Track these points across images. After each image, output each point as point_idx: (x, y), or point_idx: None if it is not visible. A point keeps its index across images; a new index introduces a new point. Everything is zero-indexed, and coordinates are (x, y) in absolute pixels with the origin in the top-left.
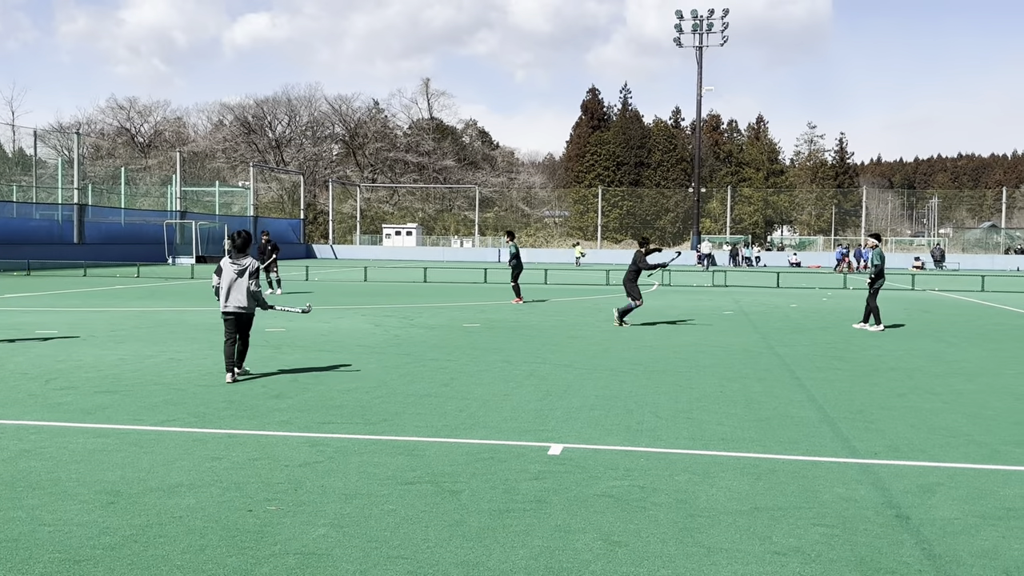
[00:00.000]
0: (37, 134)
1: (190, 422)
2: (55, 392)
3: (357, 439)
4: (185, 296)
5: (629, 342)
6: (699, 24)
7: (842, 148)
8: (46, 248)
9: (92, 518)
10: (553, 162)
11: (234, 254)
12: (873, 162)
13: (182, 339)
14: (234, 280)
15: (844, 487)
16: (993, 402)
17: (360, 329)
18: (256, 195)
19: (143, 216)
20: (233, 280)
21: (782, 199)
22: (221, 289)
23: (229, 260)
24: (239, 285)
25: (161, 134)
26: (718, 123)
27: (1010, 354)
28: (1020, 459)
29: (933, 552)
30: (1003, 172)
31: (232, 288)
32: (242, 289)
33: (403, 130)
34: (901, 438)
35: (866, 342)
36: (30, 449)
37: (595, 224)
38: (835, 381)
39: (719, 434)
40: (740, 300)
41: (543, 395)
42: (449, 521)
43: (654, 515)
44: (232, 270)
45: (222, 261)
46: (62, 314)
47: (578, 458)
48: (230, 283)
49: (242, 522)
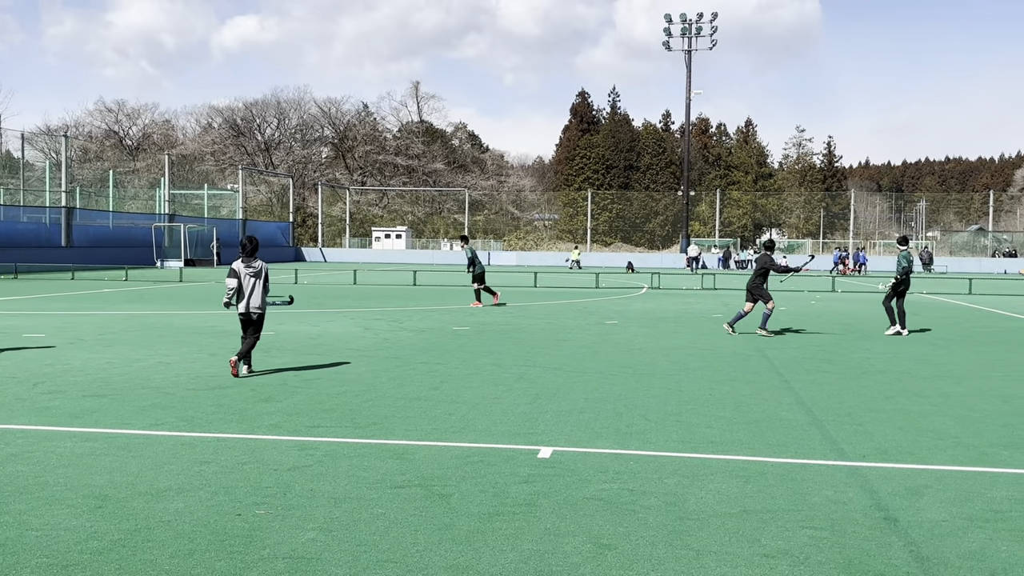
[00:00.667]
0: (24, 137)
1: (178, 426)
2: (42, 396)
3: (346, 443)
4: (174, 299)
5: (618, 345)
6: (688, 28)
7: (830, 151)
8: (33, 251)
9: (80, 522)
10: (543, 165)
11: (246, 258)
12: (861, 165)
13: (171, 342)
14: (251, 283)
15: (833, 490)
16: (981, 405)
17: (349, 332)
18: (245, 198)
19: (131, 219)
20: (250, 283)
21: (771, 202)
22: (238, 292)
23: (243, 264)
24: (255, 287)
25: (149, 137)
26: (707, 126)
27: (998, 357)
28: (1007, 461)
29: (921, 554)
30: (990, 175)
31: (248, 290)
32: (258, 291)
33: (392, 133)
34: (889, 441)
35: (854, 345)
36: (17, 453)
37: (584, 227)
38: (824, 384)
39: (708, 437)
40: (729, 303)
41: (533, 398)
42: (438, 524)
43: (643, 518)
44: (248, 274)
45: (235, 265)
46: (50, 317)
47: (568, 461)
48: (248, 286)
49: (231, 526)
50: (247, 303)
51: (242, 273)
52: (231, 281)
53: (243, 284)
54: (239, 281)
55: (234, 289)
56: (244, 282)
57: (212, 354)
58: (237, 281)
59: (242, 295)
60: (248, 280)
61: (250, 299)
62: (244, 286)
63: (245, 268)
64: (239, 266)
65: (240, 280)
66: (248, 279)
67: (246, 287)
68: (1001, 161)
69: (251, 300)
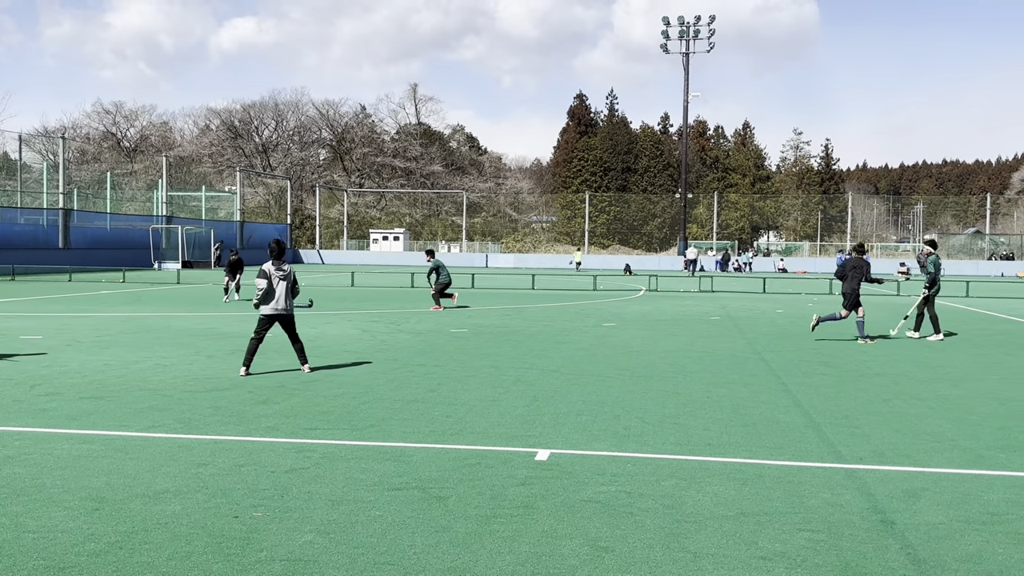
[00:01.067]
0: (22, 138)
1: (176, 428)
2: (40, 398)
3: (344, 445)
4: (171, 301)
5: (616, 348)
6: (686, 30)
7: (828, 154)
8: (31, 253)
9: (77, 524)
10: (540, 167)
11: (275, 261)
12: (859, 168)
13: (168, 344)
14: (280, 285)
15: (830, 492)
16: (978, 407)
17: (347, 334)
18: (243, 200)
19: (129, 221)
20: (280, 285)
21: (768, 205)
22: (268, 293)
23: (273, 267)
24: (285, 289)
25: (147, 138)
26: (705, 129)
27: (994, 359)
28: (1004, 464)
29: (918, 557)
30: (987, 178)
31: (280, 292)
32: (287, 293)
33: (390, 135)
34: (886, 443)
35: (851, 347)
36: (14, 455)
37: (582, 229)
38: (821, 386)
39: (705, 439)
40: (727, 305)
41: (530, 400)
42: (436, 527)
43: (641, 520)
44: (279, 276)
45: (265, 267)
46: (47, 319)
47: (565, 463)
48: (277, 288)
49: (228, 529)
50: (275, 304)
51: (273, 275)
52: (261, 282)
53: (273, 286)
54: (268, 283)
55: (263, 290)
56: (274, 284)
57: (209, 356)
58: (267, 282)
59: (270, 297)
60: (278, 282)
61: (279, 301)
62: (278, 288)
63: (276, 271)
64: (270, 268)
65: (270, 282)
66: (277, 281)
67: (280, 288)
68: (998, 164)
69: (279, 302)
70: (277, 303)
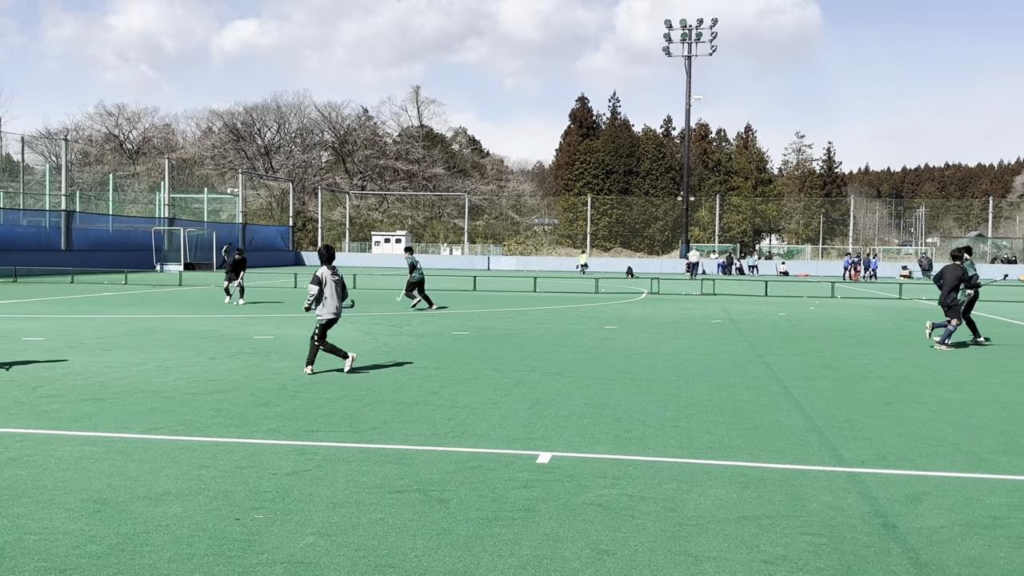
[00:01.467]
0: (24, 140)
1: (177, 430)
2: (42, 400)
3: (345, 447)
4: (173, 303)
5: (618, 351)
6: (688, 33)
7: (830, 157)
8: (33, 255)
9: (78, 526)
10: (543, 170)
11: (329, 266)
12: (861, 171)
13: (170, 346)
14: (335, 289)
15: (831, 496)
16: (979, 411)
17: (349, 337)
18: (245, 202)
19: (131, 223)
20: (335, 289)
21: (770, 208)
22: (319, 297)
23: (329, 272)
24: (339, 294)
25: (149, 141)
26: (707, 132)
27: (996, 363)
28: (1006, 468)
29: (920, 561)
30: (990, 182)
31: (336, 296)
32: (340, 296)
33: (393, 138)
34: (888, 447)
35: (854, 351)
36: (16, 457)
37: (584, 232)
38: (823, 390)
39: (707, 443)
40: (728, 309)
41: (532, 403)
42: (437, 530)
43: (642, 523)
44: (334, 281)
45: (320, 272)
46: (49, 321)
47: (566, 466)
48: (332, 292)
49: (229, 531)
50: (334, 308)
51: (327, 280)
52: (314, 288)
53: (326, 290)
54: (321, 288)
55: (315, 295)
56: (328, 288)
57: (211, 358)
58: (319, 288)
59: (325, 300)
60: (332, 287)
61: (335, 303)
62: (328, 292)
63: (331, 276)
64: (325, 273)
65: (323, 286)
66: (333, 285)
67: (329, 293)
68: (1000, 167)
69: (336, 305)
70: (335, 307)
